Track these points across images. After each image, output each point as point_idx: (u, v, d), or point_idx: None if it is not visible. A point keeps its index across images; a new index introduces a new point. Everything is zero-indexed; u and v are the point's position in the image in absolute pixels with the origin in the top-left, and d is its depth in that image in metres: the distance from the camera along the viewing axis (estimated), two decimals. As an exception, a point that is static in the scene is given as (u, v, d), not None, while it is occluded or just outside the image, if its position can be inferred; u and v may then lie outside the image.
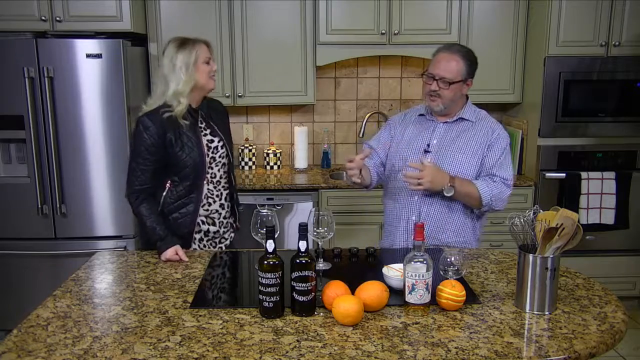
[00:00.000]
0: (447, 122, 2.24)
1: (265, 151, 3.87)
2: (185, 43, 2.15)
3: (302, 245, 1.55)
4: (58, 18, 3.15)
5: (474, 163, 2.19)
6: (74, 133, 3.11)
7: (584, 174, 3.44)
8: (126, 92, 3.09)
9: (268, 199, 3.43)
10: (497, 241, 3.42)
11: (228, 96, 3.56)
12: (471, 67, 2.17)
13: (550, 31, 3.38)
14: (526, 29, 3.61)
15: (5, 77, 3.02)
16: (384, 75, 3.97)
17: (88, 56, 3.03)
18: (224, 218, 2.34)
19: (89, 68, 3.05)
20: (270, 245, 1.56)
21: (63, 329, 1.52)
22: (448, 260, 1.67)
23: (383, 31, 3.52)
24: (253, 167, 3.88)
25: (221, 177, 2.31)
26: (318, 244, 1.96)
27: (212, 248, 2.33)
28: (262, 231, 1.87)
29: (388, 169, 2.33)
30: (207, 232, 2.30)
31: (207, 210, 2.27)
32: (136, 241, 3.23)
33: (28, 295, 3.22)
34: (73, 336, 1.48)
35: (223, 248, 2.36)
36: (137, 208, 2.15)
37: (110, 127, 3.11)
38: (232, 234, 2.43)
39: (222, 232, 2.35)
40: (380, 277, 1.72)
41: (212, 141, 2.25)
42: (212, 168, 2.26)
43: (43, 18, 3.14)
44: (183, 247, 2.12)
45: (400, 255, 2.03)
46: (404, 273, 1.60)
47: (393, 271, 1.77)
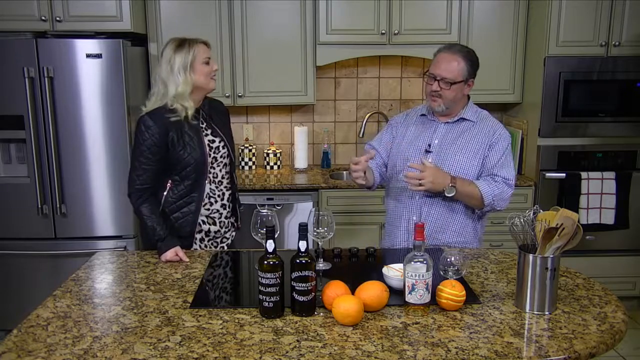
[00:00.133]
0: (449, 122, 2.24)
1: (265, 151, 3.87)
2: (182, 44, 2.14)
3: (302, 245, 1.55)
4: (58, 18, 3.15)
5: (475, 163, 2.18)
6: (74, 133, 3.11)
7: (584, 174, 3.44)
8: (126, 92, 3.09)
9: (268, 199, 3.43)
10: (497, 241, 3.43)
11: (228, 96, 3.56)
12: (472, 68, 2.17)
13: (550, 31, 3.38)
14: (526, 29, 3.61)
15: (5, 77, 3.03)
16: (384, 75, 3.97)
17: (88, 56, 3.03)
18: (225, 218, 2.34)
19: (89, 68, 3.05)
20: (270, 245, 1.56)
21: (63, 329, 1.52)
22: (448, 260, 1.68)
23: (383, 31, 3.52)
24: (253, 167, 3.88)
25: (223, 177, 2.31)
26: (318, 244, 1.96)
27: (214, 248, 2.33)
28: (262, 231, 1.87)
29: (390, 169, 2.33)
30: (208, 232, 2.30)
31: (209, 210, 2.27)
32: (136, 241, 3.23)
33: (28, 295, 3.22)
34: (73, 336, 1.48)
35: (225, 247, 2.36)
36: (138, 208, 2.15)
37: (110, 127, 3.11)
38: (234, 233, 2.43)
39: (224, 232, 2.35)
40: (380, 277, 1.72)
41: (214, 141, 2.25)
42: (214, 168, 2.26)
43: (43, 18, 3.14)
44: (184, 247, 2.13)
45: (401, 255, 2.03)
46: (404, 273, 1.60)
47: (393, 271, 1.77)
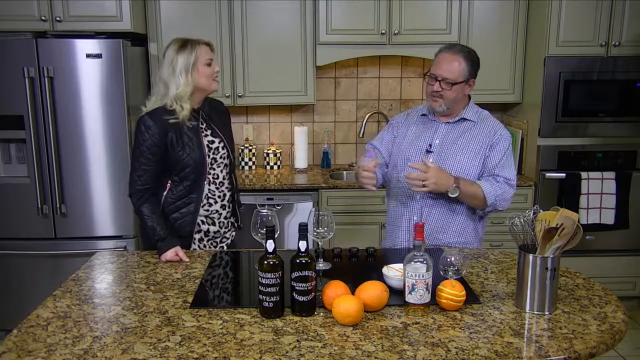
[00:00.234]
0: (450, 122, 2.23)
1: (265, 151, 3.87)
2: (185, 45, 2.14)
3: (302, 245, 1.55)
4: (58, 18, 3.15)
5: (476, 163, 2.18)
6: (74, 133, 3.11)
7: (584, 174, 3.44)
8: (126, 92, 3.09)
9: (268, 199, 3.43)
10: (497, 241, 3.43)
11: (228, 96, 3.56)
12: (473, 68, 2.16)
13: (550, 31, 3.38)
14: (526, 29, 3.61)
15: (5, 77, 3.03)
16: (384, 75, 3.97)
17: (88, 56, 3.03)
18: (225, 218, 2.34)
19: (89, 68, 3.05)
20: (270, 245, 1.56)
21: (63, 329, 1.52)
22: (448, 260, 1.68)
23: (383, 31, 3.52)
24: (253, 167, 3.88)
25: (224, 178, 2.30)
26: (318, 244, 1.96)
27: (213, 248, 2.33)
28: (262, 231, 1.87)
29: (391, 169, 2.33)
30: (207, 232, 2.30)
31: (208, 210, 2.27)
32: (136, 241, 3.23)
33: (28, 295, 3.22)
34: (73, 336, 1.48)
35: (224, 247, 2.36)
36: (139, 208, 2.15)
37: (110, 127, 3.11)
38: (234, 233, 2.43)
39: (223, 232, 2.35)
40: (380, 277, 1.72)
41: (213, 142, 2.24)
42: (214, 169, 2.25)
43: (43, 18, 3.14)
44: (182, 247, 2.12)
45: (402, 255, 2.03)
46: (404, 273, 1.60)
47: (393, 271, 1.77)
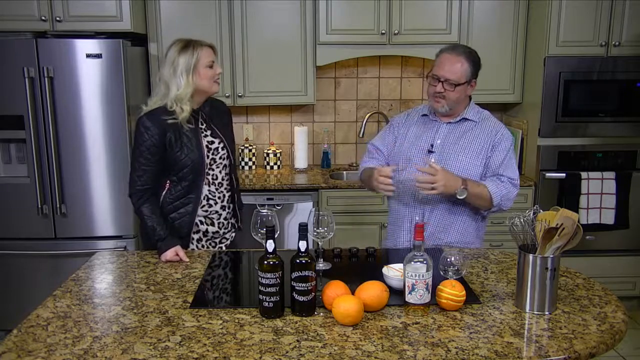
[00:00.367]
0: (451, 123, 2.23)
1: (265, 151, 3.87)
2: (187, 46, 2.13)
3: (302, 245, 1.55)
4: (58, 18, 3.15)
5: (478, 163, 2.18)
6: (74, 133, 3.11)
7: (584, 174, 3.44)
8: (126, 92, 3.09)
9: (268, 199, 3.43)
10: (497, 241, 3.43)
11: (228, 96, 3.56)
12: (475, 68, 2.16)
13: (550, 31, 3.38)
14: (526, 29, 3.61)
15: (5, 77, 3.02)
16: (384, 75, 3.97)
17: (88, 56, 3.03)
18: (225, 219, 2.34)
19: (89, 68, 3.05)
20: (270, 245, 1.56)
21: (63, 329, 1.52)
22: (448, 260, 1.68)
23: (383, 31, 3.52)
24: (253, 167, 3.88)
25: (223, 179, 2.30)
26: (318, 244, 1.96)
27: (212, 248, 2.33)
28: (262, 231, 1.87)
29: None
30: (206, 233, 2.30)
31: (207, 211, 2.27)
32: (136, 241, 3.23)
33: (28, 295, 3.22)
34: (73, 336, 1.48)
35: (223, 248, 2.36)
36: (139, 208, 2.15)
37: (110, 127, 3.11)
38: (234, 234, 2.42)
39: (223, 233, 2.35)
40: (380, 277, 1.72)
41: (213, 142, 2.24)
42: (213, 169, 2.25)
43: (43, 18, 3.14)
44: (182, 247, 2.12)
45: (402, 255, 2.03)
46: (404, 273, 1.60)
47: (393, 271, 1.77)
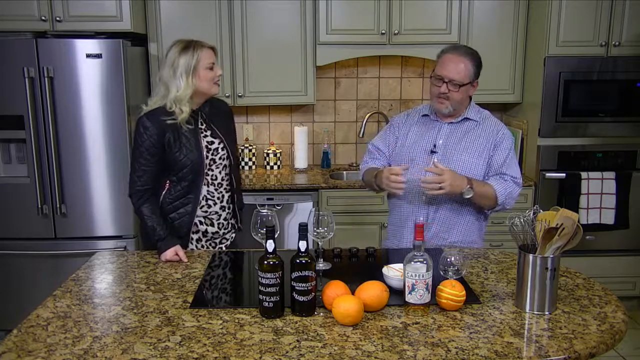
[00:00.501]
0: (453, 123, 2.24)
1: (265, 151, 3.87)
2: (188, 47, 2.12)
3: (302, 245, 1.55)
4: (58, 18, 3.15)
5: (481, 163, 2.19)
6: (74, 133, 3.11)
7: (584, 174, 3.44)
8: (126, 92, 3.09)
9: (268, 199, 3.43)
10: (497, 241, 3.43)
11: (228, 96, 3.56)
12: (478, 69, 2.17)
13: (550, 31, 3.38)
14: (526, 29, 3.61)
15: (5, 77, 3.02)
16: (384, 75, 3.97)
17: (88, 56, 3.03)
18: (224, 220, 2.34)
19: (89, 68, 3.05)
20: (270, 245, 1.56)
21: (63, 329, 1.52)
22: (448, 260, 1.68)
23: (383, 31, 3.52)
24: (253, 167, 3.88)
25: (223, 179, 2.29)
26: (318, 244, 1.96)
27: (212, 248, 2.33)
28: (262, 231, 1.87)
29: None
30: (206, 233, 2.30)
31: (206, 211, 2.27)
32: (136, 241, 3.23)
33: (28, 295, 3.22)
34: (73, 336, 1.48)
35: (223, 248, 2.36)
36: (139, 208, 2.15)
37: (110, 127, 3.11)
38: (233, 234, 2.42)
39: (222, 233, 2.35)
40: (380, 277, 1.72)
41: (212, 143, 2.24)
42: (213, 170, 2.25)
43: (43, 18, 3.14)
44: (181, 247, 2.12)
45: (402, 255, 2.03)
46: (404, 273, 1.60)
47: (393, 271, 1.77)
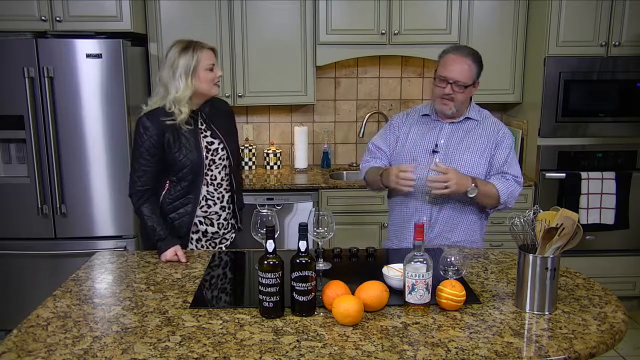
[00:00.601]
0: (454, 122, 2.24)
1: (265, 151, 3.87)
2: (188, 48, 2.11)
3: (302, 245, 1.55)
4: (58, 18, 3.15)
5: (483, 162, 2.20)
6: (74, 133, 3.10)
7: (584, 174, 3.44)
8: (126, 92, 3.09)
9: (268, 199, 3.43)
10: (497, 241, 3.43)
11: (228, 96, 3.56)
12: (480, 69, 2.18)
13: (550, 31, 3.38)
14: (526, 29, 3.61)
15: (5, 77, 3.02)
16: (384, 75, 3.97)
17: (88, 56, 3.03)
18: (224, 220, 2.34)
19: (89, 68, 3.05)
20: (270, 245, 1.56)
21: (63, 329, 1.52)
22: (448, 260, 1.68)
23: (383, 31, 3.52)
24: (253, 167, 3.88)
25: (222, 180, 2.29)
26: (318, 244, 1.96)
27: (212, 248, 2.33)
28: (262, 231, 1.87)
29: None
30: (205, 233, 2.30)
31: (206, 212, 2.27)
32: (136, 241, 3.23)
33: (28, 295, 3.22)
34: (73, 336, 1.48)
35: (223, 248, 2.36)
36: (139, 208, 2.15)
37: (110, 127, 3.11)
38: (233, 235, 2.42)
39: (222, 233, 2.35)
40: (380, 277, 1.72)
41: (212, 143, 2.24)
42: (212, 170, 2.25)
43: (43, 18, 3.14)
44: (181, 247, 2.12)
45: (402, 255, 2.03)
46: (404, 273, 1.60)
47: (393, 271, 1.77)
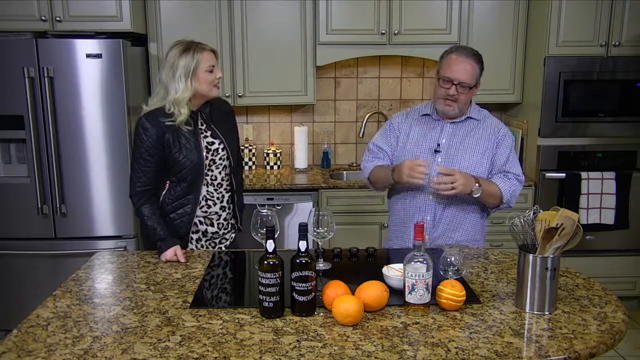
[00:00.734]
0: (455, 122, 2.24)
1: (265, 151, 3.87)
2: (188, 49, 2.11)
3: (302, 245, 1.55)
4: (58, 18, 3.15)
5: (484, 161, 2.20)
6: (74, 133, 3.10)
7: (584, 174, 3.44)
8: (126, 92, 3.09)
9: (268, 199, 3.43)
10: (497, 241, 3.43)
11: (228, 96, 3.56)
12: (481, 70, 2.18)
13: (550, 31, 3.38)
14: (526, 29, 3.62)
15: (5, 77, 3.02)
16: (384, 75, 3.97)
17: (88, 56, 3.03)
18: (224, 220, 2.34)
19: (89, 68, 3.05)
20: (270, 245, 1.56)
21: (63, 329, 1.52)
22: (448, 260, 1.68)
23: (383, 31, 3.52)
24: (253, 167, 3.88)
25: (222, 180, 2.29)
26: (318, 244, 1.96)
27: (212, 248, 2.33)
28: (262, 231, 1.87)
29: None
30: (205, 233, 2.30)
31: (206, 212, 2.27)
32: (136, 241, 3.23)
33: (28, 295, 3.22)
34: (73, 336, 1.48)
35: (223, 248, 2.36)
36: (139, 208, 2.15)
37: (110, 127, 3.11)
38: (233, 235, 2.42)
39: (222, 234, 2.35)
40: (380, 277, 1.72)
41: (213, 143, 2.23)
42: (212, 170, 2.25)
43: (43, 18, 3.14)
44: (181, 247, 2.12)
45: (402, 255, 2.02)
46: (404, 273, 1.60)
47: (393, 271, 1.77)
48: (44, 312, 1.62)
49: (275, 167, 3.85)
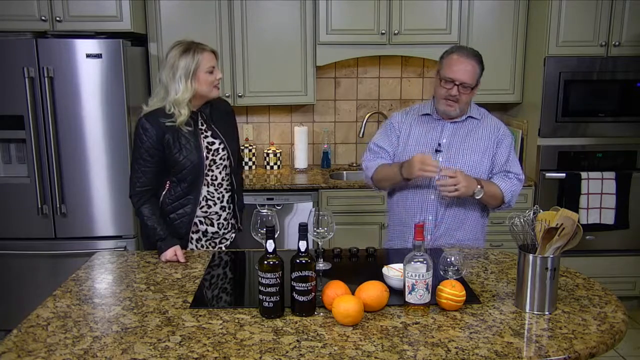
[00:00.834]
0: (456, 122, 2.24)
1: (265, 151, 3.87)
2: (188, 49, 2.10)
3: (302, 245, 1.55)
4: (58, 18, 3.15)
5: (485, 161, 2.21)
6: (74, 133, 3.10)
7: (584, 174, 3.44)
8: (126, 92, 3.09)
9: (268, 199, 3.43)
10: (497, 241, 3.43)
11: (228, 96, 3.56)
12: (482, 70, 2.19)
13: (550, 31, 3.38)
14: (526, 29, 3.62)
15: (5, 77, 3.02)
16: (384, 75, 3.97)
17: (88, 56, 3.03)
18: (225, 220, 2.34)
19: (89, 68, 3.05)
20: (270, 245, 1.56)
21: (63, 329, 1.52)
22: (448, 260, 1.68)
23: (383, 31, 3.52)
24: (253, 167, 3.88)
25: (223, 180, 2.29)
26: (318, 244, 1.96)
27: (212, 248, 2.33)
28: (262, 231, 1.87)
29: None
30: (206, 233, 2.30)
31: (206, 212, 2.27)
32: (136, 241, 3.23)
33: (28, 295, 3.22)
34: (73, 336, 1.48)
35: (223, 248, 2.36)
36: (139, 209, 2.15)
37: (110, 127, 3.11)
38: (233, 234, 2.42)
39: (222, 233, 2.35)
40: (380, 277, 1.72)
41: (213, 143, 2.23)
42: (213, 170, 2.25)
43: (43, 18, 3.14)
44: (181, 247, 2.12)
45: (402, 255, 2.02)
46: (404, 273, 1.60)
47: (393, 271, 1.77)
48: (44, 312, 1.62)
49: (275, 167, 3.85)
